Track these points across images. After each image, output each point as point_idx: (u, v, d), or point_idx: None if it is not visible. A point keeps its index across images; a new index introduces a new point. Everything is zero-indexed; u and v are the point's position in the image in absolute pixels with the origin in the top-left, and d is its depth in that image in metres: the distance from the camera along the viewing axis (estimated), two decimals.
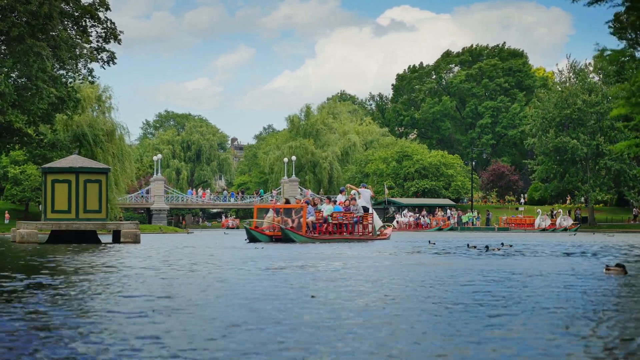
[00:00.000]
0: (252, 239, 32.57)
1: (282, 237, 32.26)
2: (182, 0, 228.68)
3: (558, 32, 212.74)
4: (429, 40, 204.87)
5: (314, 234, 33.39)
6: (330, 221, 34.52)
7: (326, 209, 34.93)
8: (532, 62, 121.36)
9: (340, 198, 36.92)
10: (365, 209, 36.37)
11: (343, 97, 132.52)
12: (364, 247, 26.64)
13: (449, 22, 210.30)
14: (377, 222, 38.84)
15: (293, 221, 32.94)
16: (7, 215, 63.69)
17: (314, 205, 35.27)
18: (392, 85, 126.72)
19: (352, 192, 38.01)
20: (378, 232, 37.47)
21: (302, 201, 35.30)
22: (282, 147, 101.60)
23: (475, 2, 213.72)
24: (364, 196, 37.09)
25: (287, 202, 37.44)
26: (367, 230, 36.18)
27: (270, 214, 33.56)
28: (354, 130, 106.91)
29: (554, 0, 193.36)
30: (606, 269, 13.36)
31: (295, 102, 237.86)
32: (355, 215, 35.53)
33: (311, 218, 33.51)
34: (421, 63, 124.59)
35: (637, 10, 25.14)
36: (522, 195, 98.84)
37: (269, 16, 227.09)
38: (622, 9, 27.39)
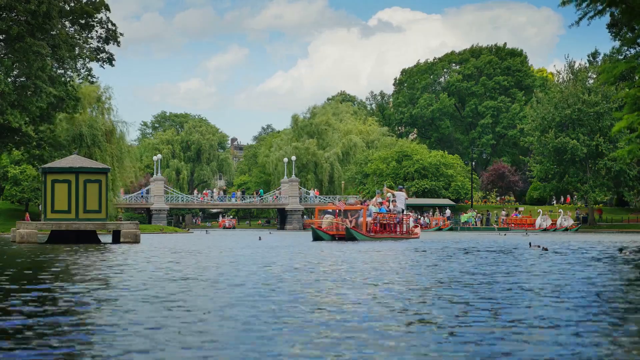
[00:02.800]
0: (316, 237, 34.65)
1: (346, 236, 34.47)
2: (171, 2, 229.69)
3: (548, 32, 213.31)
4: (420, 41, 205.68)
5: (370, 233, 36.35)
6: (379, 221, 37.88)
7: (372, 210, 37.58)
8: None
9: (377, 200, 39.95)
10: (401, 211, 39.99)
11: (344, 98, 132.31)
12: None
13: (439, 23, 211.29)
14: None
15: (351, 222, 35.50)
16: (27, 216, 63.38)
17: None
18: (395, 79, 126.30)
19: (388, 194, 41.05)
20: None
21: (359, 203, 39.14)
22: (285, 147, 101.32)
23: (466, 3, 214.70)
24: (399, 198, 40.03)
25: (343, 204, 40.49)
26: (405, 230, 39.66)
27: (329, 215, 36.28)
28: (356, 130, 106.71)
29: (545, 1, 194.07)
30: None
31: (290, 103, 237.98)
32: (397, 216, 39.05)
33: (369, 219, 36.26)
34: (418, 61, 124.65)
35: (631, 10, 25.26)
36: (519, 196, 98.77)
37: (257, 17, 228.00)
38: (616, 11, 27.56)
